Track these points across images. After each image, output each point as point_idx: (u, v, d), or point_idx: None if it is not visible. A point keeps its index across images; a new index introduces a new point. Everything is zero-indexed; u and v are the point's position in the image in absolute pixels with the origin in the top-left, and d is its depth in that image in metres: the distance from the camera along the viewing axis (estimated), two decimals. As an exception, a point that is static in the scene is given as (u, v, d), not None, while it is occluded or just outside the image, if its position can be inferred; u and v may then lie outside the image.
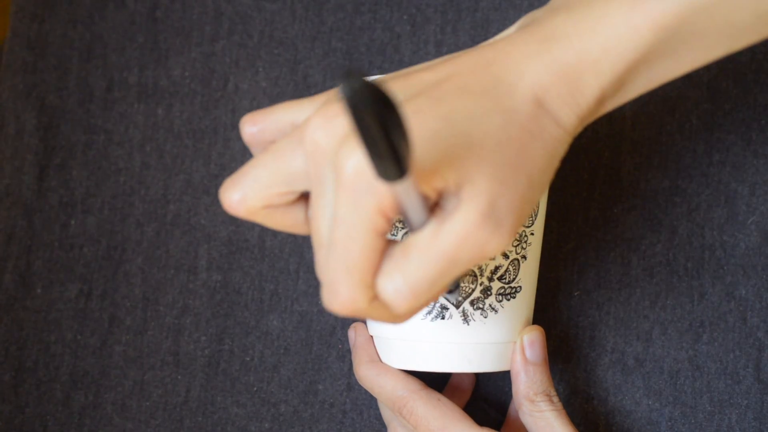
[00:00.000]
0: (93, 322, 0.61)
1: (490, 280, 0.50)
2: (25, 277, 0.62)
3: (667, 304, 0.58)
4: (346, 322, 0.60)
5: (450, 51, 0.62)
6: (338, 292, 0.37)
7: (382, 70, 0.62)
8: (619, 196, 0.60)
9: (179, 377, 0.60)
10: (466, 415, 0.51)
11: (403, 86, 0.39)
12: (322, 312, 0.60)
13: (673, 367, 0.58)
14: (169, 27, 0.64)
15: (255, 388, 0.60)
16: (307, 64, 0.63)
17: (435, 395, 0.51)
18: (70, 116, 0.64)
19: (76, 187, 0.63)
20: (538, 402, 0.50)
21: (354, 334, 0.55)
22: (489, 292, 0.50)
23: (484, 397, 0.59)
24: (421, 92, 0.38)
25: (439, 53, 0.61)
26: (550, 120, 0.39)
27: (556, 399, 0.51)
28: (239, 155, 0.62)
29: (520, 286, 0.51)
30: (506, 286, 0.50)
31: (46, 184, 0.63)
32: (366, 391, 0.59)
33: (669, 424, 0.57)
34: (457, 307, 0.49)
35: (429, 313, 0.49)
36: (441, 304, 0.49)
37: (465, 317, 0.49)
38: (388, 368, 0.52)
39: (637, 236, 0.59)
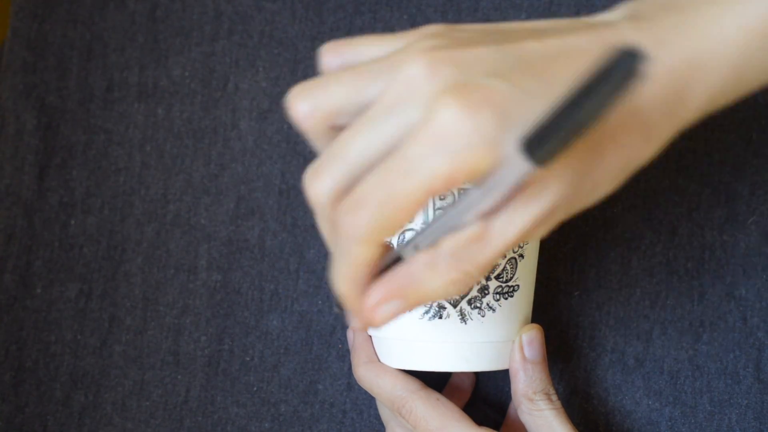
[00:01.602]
0: (93, 322, 0.61)
1: (488, 279, 0.50)
2: (25, 277, 0.62)
3: (667, 304, 0.58)
4: (345, 322, 0.60)
5: (450, 51, 0.62)
6: (357, 225, 0.35)
7: (382, 70, 0.62)
8: (618, 195, 0.60)
9: (179, 377, 0.60)
10: (465, 414, 0.51)
11: (510, 54, 0.36)
12: (322, 312, 0.60)
13: (673, 367, 0.58)
14: (169, 27, 0.64)
15: (255, 388, 0.60)
16: (307, 64, 0.63)
17: (434, 395, 0.51)
18: (70, 116, 0.64)
19: (76, 187, 0.63)
20: (537, 401, 0.50)
21: (352, 334, 0.55)
22: (486, 291, 0.50)
23: (484, 397, 0.59)
24: (529, 67, 0.35)
25: (439, 53, 0.61)
26: (640, 133, 0.37)
27: (555, 398, 0.51)
28: (239, 155, 0.62)
29: (518, 285, 0.51)
30: (504, 285, 0.50)
31: (46, 183, 0.63)
32: (366, 391, 0.59)
33: (669, 424, 0.57)
34: (455, 306, 0.49)
35: (426, 312, 0.49)
36: (438, 304, 0.49)
37: (462, 316, 0.49)
38: (387, 368, 0.52)
39: (637, 236, 0.59)
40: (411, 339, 0.50)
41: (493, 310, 0.50)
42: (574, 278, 0.59)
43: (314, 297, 0.60)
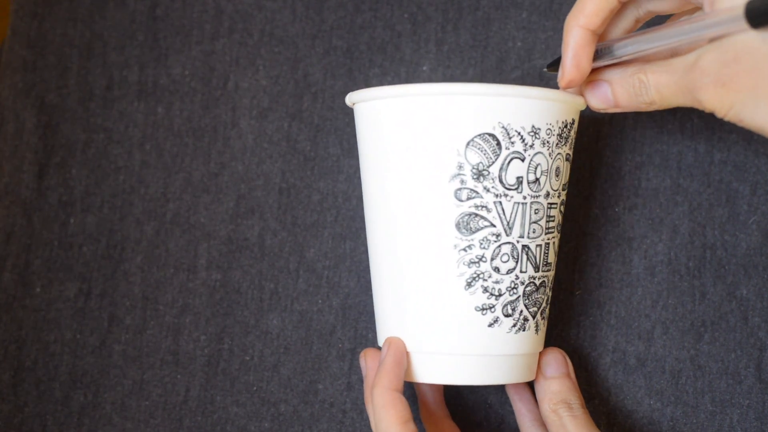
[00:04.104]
0: (92, 321, 0.61)
1: (550, 290, 0.51)
2: (24, 276, 0.62)
3: (669, 304, 0.58)
4: (346, 322, 0.60)
5: (451, 50, 0.61)
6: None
7: (383, 69, 0.62)
8: (620, 195, 0.60)
9: (179, 377, 0.60)
10: None
11: None
12: (322, 311, 0.60)
13: (674, 366, 0.58)
14: (169, 25, 0.64)
15: (255, 388, 0.60)
16: (307, 62, 0.62)
17: None
18: (69, 115, 0.64)
19: (76, 186, 0.63)
20: (559, 410, 0.51)
21: (385, 350, 0.51)
22: (548, 302, 0.52)
23: (486, 400, 0.59)
24: None
25: (440, 52, 0.61)
26: None
27: (576, 406, 0.51)
28: (239, 154, 0.62)
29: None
30: (550, 295, 0.52)
31: (45, 182, 0.63)
32: (366, 391, 0.58)
33: (670, 424, 0.57)
34: (533, 317, 0.50)
35: (514, 326, 0.49)
36: (524, 316, 0.50)
37: (536, 327, 0.51)
38: (396, 403, 0.49)
39: (639, 235, 0.59)
40: (493, 354, 0.49)
41: (546, 319, 0.52)
42: (575, 277, 0.59)
43: (314, 296, 0.60)
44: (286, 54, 0.63)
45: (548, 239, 0.50)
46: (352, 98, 0.51)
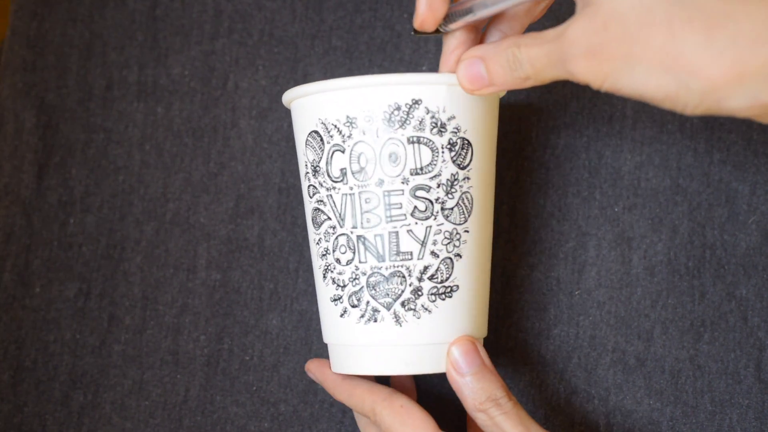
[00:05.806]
0: (92, 321, 0.61)
1: (420, 280, 0.49)
2: (23, 276, 0.62)
3: (668, 304, 0.58)
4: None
5: (450, 50, 0.61)
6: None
7: (383, 69, 0.62)
8: (620, 194, 0.60)
9: (178, 376, 0.60)
10: (427, 417, 0.49)
11: None
12: (322, 311, 0.60)
13: (674, 366, 0.58)
14: (168, 25, 0.64)
15: (254, 388, 0.60)
16: (307, 62, 0.62)
17: (398, 402, 0.50)
18: (69, 115, 0.64)
19: (75, 186, 0.63)
20: (488, 409, 0.48)
21: (312, 374, 0.56)
22: (420, 293, 0.49)
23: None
24: None
25: (440, 51, 0.61)
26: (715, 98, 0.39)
27: (504, 401, 0.48)
28: (239, 154, 0.62)
29: (457, 285, 0.49)
30: (439, 285, 0.49)
31: (45, 182, 0.63)
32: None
33: (670, 423, 0.57)
34: (388, 309, 0.49)
35: (362, 316, 0.49)
36: (373, 307, 0.49)
37: (396, 319, 0.49)
38: (355, 383, 0.52)
39: (638, 235, 0.59)
40: (350, 344, 0.50)
41: (429, 311, 0.49)
42: (574, 277, 0.59)
43: (314, 296, 0.60)
44: (286, 54, 0.63)
45: (395, 227, 0.48)
46: None
